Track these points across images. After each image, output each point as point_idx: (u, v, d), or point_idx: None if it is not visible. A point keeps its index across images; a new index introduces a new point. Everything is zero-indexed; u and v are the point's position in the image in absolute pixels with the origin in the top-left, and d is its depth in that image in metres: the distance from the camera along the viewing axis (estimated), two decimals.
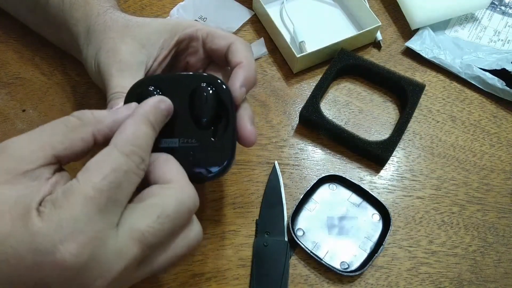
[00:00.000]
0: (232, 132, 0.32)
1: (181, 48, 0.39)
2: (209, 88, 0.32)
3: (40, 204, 0.24)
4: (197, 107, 0.32)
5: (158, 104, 0.30)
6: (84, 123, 0.28)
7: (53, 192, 0.25)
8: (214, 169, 0.32)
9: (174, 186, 0.28)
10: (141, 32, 0.38)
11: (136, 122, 0.28)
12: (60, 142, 0.26)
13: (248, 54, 0.36)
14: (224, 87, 0.33)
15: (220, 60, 0.39)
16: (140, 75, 0.37)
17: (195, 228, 0.29)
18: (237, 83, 0.33)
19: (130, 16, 0.40)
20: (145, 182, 0.28)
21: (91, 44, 0.39)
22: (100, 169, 0.25)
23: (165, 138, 0.31)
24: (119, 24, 0.38)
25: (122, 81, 0.35)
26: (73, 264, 0.23)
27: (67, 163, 0.28)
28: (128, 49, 0.37)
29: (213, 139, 0.32)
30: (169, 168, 0.29)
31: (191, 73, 0.35)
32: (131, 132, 0.27)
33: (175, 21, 0.39)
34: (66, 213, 0.23)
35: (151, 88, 0.32)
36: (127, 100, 0.32)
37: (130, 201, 0.27)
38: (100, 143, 0.28)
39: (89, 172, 0.25)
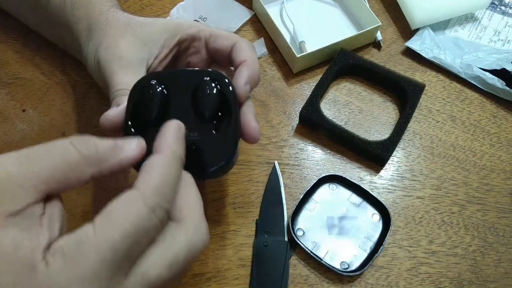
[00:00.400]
0: (235, 127, 0.32)
1: (183, 48, 0.39)
2: (212, 83, 0.32)
3: (47, 248, 0.22)
4: (200, 101, 0.32)
5: (179, 129, 0.28)
6: (86, 161, 0.24)
7: (56, 235, 0.23)
8: (217, 164, 0.31)
9: (187, 227, 0.26)
10: (142, 30, 0.38)
11: (166, 163, 0.25)
12: (56, 180, 0.23)
13: (252, 53, 0.36)
14: (228, 82, 0.32)
15: (223, 60, 0.39)
16: (141, 72, 0.37)
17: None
18: (241, 80, 0.33)
19: (133, 16, 0.40)
20: None
21: (92, 41, 0.39)
22: (121, 223, 0.22)
23: None
24: (120, 22, 0.39)
25: (125, 78, 0.35)
26: None
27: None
28: (128, 46, 0.37)
29: (215, 133, 0.32)
30: (186, 202, 0.26)
31: (195, 68, 0.35)
32: (160, 179, 0.25)
33: (178, 21, 0.39)
34: (77, 271, 0.21)
35: (154, 82, 0.32)
36: (131, 96, 0.32)
37: None
38: (97, 179, 0.25)
39: (109, 224, 0.22)
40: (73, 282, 0.21)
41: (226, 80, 0.32)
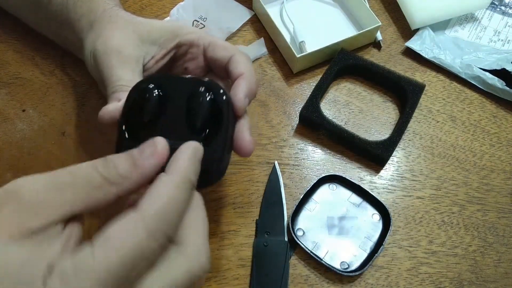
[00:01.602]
0: (224, 140, 0.31)
1: (181, 53, 0.39)
2: (207, 93, 0.31)
3: (51, 268, 0.22)
4: (193, 111, 0.31)
5: (195, 153, 0.27)
6: (108, 183, 0.24)
7: (64, 254, 0.22)
8: (201, 176, 0.29)
9: (188, 253, 0.25)
10: (143, 28, 0.38)
11: (174, 187, 0.25)
12: (81, 201, 0.24)
13: (249, 67, 0.36)
14: (223, 93, 0.32)
15: (219, 70, 0.38)
16: (138, 70, 0.36)
17: (200, 284, 0.27)
18: (240, 93, 0.33)
19: (136, 16, 0.40)
20: None
21: (92, 34, 0.39)
22: (119, 249, 0.22)
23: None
24: (122, 19, 0.39)
25: (124, 74, 0.35)
26: None
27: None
28: (127, 41, 0.37)
29: (204, 144, 0.30)
30: (190, 225, 0.26)
31: (194, 77, 0.35)
32: (165, 203, 0.24)
33: (179, 24, 0.39)
34: None
35: (152, 86, 0.32)
36: (129, 97, 0.32)
37: None
38: (124, 196, 0.25)
39: (108, 248, 0.22)
40: None
41: (221, 91, 0.32)
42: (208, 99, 0.31)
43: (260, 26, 0.56)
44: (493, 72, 0.51)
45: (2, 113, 0.47)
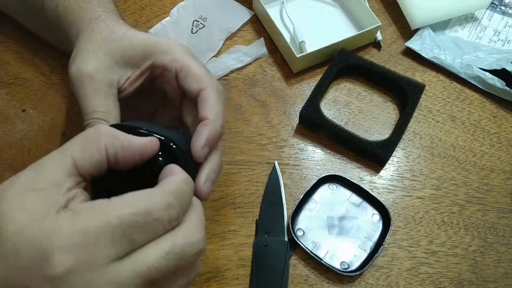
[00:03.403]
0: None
1: (156, 74, 0.38)
2: (161, 153, 0.30)
3: (63, 207, 0.24)
4: (149, 169, 0.30)
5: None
6: (99, 134, 0.27)
7: (76, 199, 0.25)
8: None
9: (186, 227, 0.27)
10: (116, 47, 0.37)
11: (184, 178, 0.28)
12: (78, 152, 0.26)
13: (217, 106, 0.35)
14: (178, 150, 0.31)
15: (191, 100, 0.37)
16: (113, 94, 0.36)
17: (196, 267, 0.28)
18: (198, 144, 0.32)
19: (117, 27, 0.39)
20: None
21: (74, 51, 0.38)
22: (135, 203, 0.24)
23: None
24: (100, 36, 0.37)
25: (97, 103, 0.35)
26: (62, 277, 0.22)
27: (89, 179, 0.27)
28: (99, 66, 0.36)
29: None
30: (189, 211, 0.28)
31: (150, 133, 0.31)
32: (184, 185, 0.27)
33: (157, 40, 0.37)
34: (80, 225, 0.23)
35: None
36: None
37: None
38: (112, 161, 0.27)
39: (124, 200, 0.24)
40: (72, 235, 0.22)
41: (175, 147, 0.31)
42: (161, 159, 0.30)
43: (260, 26, 0.56)
44: (493, 72, 0.51)
45: (2, 113, 0.47)
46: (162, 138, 0.30)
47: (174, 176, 0.27)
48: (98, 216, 0.23)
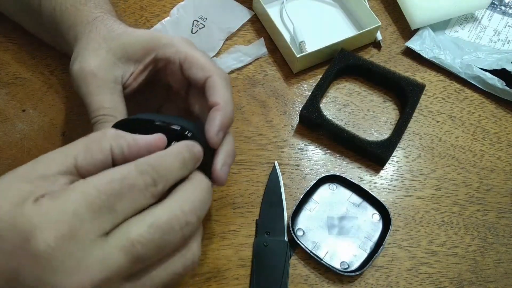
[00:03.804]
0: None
1: (160, 67, 0.38)
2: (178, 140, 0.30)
3: (45, 195, 0.24)
4: None
5: (192, 147, 0.29)
6: (104, 135, 0.27)
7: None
8: None
9: (172, 199, 0.27)
10: (117, 44, 0.37)
11: (166, 152, 0.27)
12: (80, 151, 0.26)
13: (225, 92, 0.35)
14: (193, 137, 0.31)
15: (197, 88, 0.37)
16: (118, 90, 0.36)
17: (193, 248, 0.28)
18: (213, 130, 0.32)
19: (116, 26, 0.39)
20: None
21: (74, 53, 0.38)
22: (108, 175, 0.25)
23: None
24: (99, 36, 0.37)
25: (103, 99, 0.35)
26: (46, 254, 0.22)
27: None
28: (102, 63, 0.36)
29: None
30: (179, 188, 0.28)
31: (164, 124, 0.31)
32: (156, 156, 0.27)
33: (157, 35, 0.37)
34: (58, 204, 0.23)
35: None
36: None
37: None
38: (120, 161, 0.27)
39: (98, 176, 0.25)
40: (50, 213, 0.22)
41: (190, 134, 0.31)
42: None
43: (260, 26, 0.56)
44: (493, 72, 0.51)
45: (2, 113, 0.47)
46: (177, 128, 0.30)
47: (158, 152, 0.27)
48: (76, 192, 0.23)
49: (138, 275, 0.25)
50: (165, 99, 0.41)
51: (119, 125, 0.32)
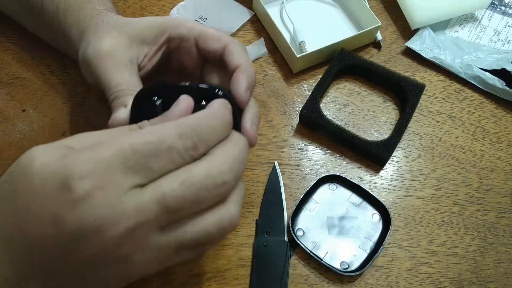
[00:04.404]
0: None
1: (173, 48, 0.39)
2: (209, 100, 0.31)
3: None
4: None
5: (229, 106, 0.30)
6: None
7: None
8: None
9: (209, 159, 0.27)
10: (130, 28, 0.38)
11: (208, 114, 0.28)
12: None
13: (245, 56, 0.36)
14: (225, 96, 0.31)
15: (215, 61, 0.38)
16: (134, 70, 0.36)
17: (230, 208, 0.28)
18: (241, 88, 0.33)
19: (121, 17, 0.40)
20: None
21: (82, 44, 0.38)
22: (148, 134, 0.25)
23: None
24: (108, 24, 0.38)
25: (121, 77, 0.35)
26: (82, 200, 0.23)
27: None
28: (117, 44, 0.36)
29: None
30: (218, 146, 0.28)
31: (192, 84, 0.33)
32: (198, 118, 0.27)
33: (166, 18, 0.39)
34: (95, 155, 0.24)
35: (155, 98, 0.31)
36: (133, 111, 0.32)
37: None
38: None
39: (139, 133, 0.26)
40: (87, 163, 0.24)
41: (221, 93, 0.31)
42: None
43: (260, 26, 0.56)
44: (493, 72, 0.51)
45: (2, 113, 0.47)
46: (206, 87, 0.31)
47: (199, 112, 0.28)
48: (112, 146, 0.25)
49: (171, 227, 0.26)
50: (180, 81, 0.41)
51: (141, 95, 0.32)
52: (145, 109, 0.31)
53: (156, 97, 0.31)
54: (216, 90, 0.31)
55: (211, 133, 0.27)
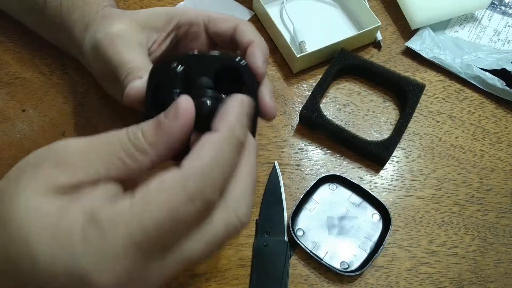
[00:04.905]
0: (256, 107, 0.31)
1: (182, 33, 0.39)
2: (230, 66, 0.30)
3: (88, 217, 0.22)
4: (219, 84, 0.30)
5: (242, 106, 0.26)
6: (139, 150, 0.24)
7: (104, 202, 0.23)
8: None
9: (228, 205, 0.24)
10: (139, 16, 0.38)
11: (220, 143, 0.24)
12: (115, 167, 0.24)
13: (256, 33, 0.36)
14: (246, 64, 0.31)
15: (225, 43, 0.38)
16: (145, 53, 0.36)
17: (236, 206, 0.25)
18: (258, 61, 0.33)
19: (128, 10, 0.40)
20: None
21: (88, 33, 0.38)
22: (155, 203, 0.22)
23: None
24: (117, 14, 0.39)
25: (133, 56, 0.34)
26: None
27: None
28: (127, 28, 0.37)
29: None
30: (233, 179, 0.26)
31: (215, 53, 0.32)
32: (205, 164, 0.23)
33: (174, 7, 0.39)
34: (107, 246, 0.21)
35: (175, 64, 0.30)
36: (151, 77, 0.31)
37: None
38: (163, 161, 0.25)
39: (145, 204, 0.22)
40: (102, 257, 0.21)
41: (242, 62, 0.31)
42: (232, 70, 0.31)
43: (260, 26, 0.56)
44: (493, 72, 0.51)
45: (2, 113, 0.47)
46: (232, 57, 0.30)
47: (202, 151, 0.23)
48: (121, 233, 0.21)
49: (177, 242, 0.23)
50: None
51: (161, 63, 0.31)
52: (165, 77, 0.30)
53: (176, 63, 0.30)
54: (237, 59, 0.30)
55: (226, 171, 0.24)
